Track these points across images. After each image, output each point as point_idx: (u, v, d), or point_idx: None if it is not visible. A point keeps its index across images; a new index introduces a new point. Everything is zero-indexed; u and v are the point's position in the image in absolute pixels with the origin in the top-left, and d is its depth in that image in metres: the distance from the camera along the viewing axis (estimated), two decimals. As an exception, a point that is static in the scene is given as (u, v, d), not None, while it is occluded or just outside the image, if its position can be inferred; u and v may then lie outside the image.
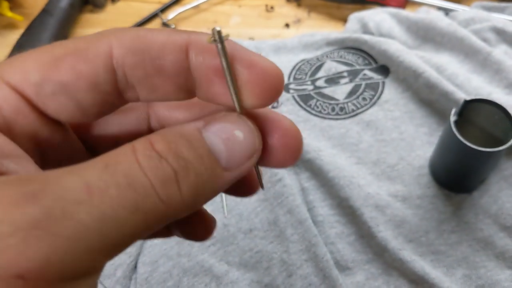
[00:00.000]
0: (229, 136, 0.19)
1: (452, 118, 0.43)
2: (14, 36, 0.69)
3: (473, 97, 0.45)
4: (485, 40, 0.59)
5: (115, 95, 0.20)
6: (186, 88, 0.20)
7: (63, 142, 0.21)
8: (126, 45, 0.19)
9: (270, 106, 0.54)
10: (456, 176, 0.48)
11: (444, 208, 0.48)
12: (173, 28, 0.72)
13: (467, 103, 0.45)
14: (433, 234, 0.47)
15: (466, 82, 0.54)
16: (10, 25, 0.74)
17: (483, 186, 0.49)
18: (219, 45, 0.18)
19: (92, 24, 0.75)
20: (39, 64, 0.18)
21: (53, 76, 0.18)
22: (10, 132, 0.18)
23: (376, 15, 0.65)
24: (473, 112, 0.46)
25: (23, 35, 0.67)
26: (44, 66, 0.18)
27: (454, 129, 0.43)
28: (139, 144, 0.17)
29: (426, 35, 0.61)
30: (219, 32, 0.18)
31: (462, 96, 0.51)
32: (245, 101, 0.19)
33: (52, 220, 0.14)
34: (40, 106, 0.19)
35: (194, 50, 0.19)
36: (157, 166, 0.17)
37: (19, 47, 0.66)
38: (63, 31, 0.71)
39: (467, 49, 0.57)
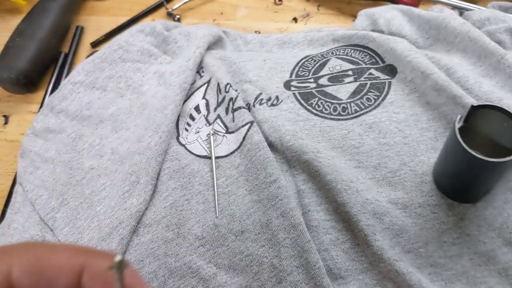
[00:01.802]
0: None
1: (457, 124, 0.41)
2: (16, 21, 0.68)
3: (481, 103, 0.42)
4: (499, 42, 0.56)
5: None
6: None
7: None
8: (25, 266, 0.20)
9: (270, 103, 0.52)
10: (460, 186, 0.45)
11: (446, 218, 0.46)
12: (178, 18, 0.70)
13: (474, 108, 0.42)
14: (433, 246, 0.44)
15: (477, 86, 0.51)
16: (13, 10, 0.73)
17: (488, 197, 0.46)
18: (117, 275, 0.19)
19: (96, 11, 0.74)
20: None
21: None
22: None
23: (387, 12, 0.62)
24: (481, 118, 0.43)
25: (23, 20, 0.66)
26: None
27: (458, 137, 0.40)
28: None
29: (437, 35, 0.58)
30: (120, 262, 0.19)
31: (471, 100, 0.48)
32: None
33: None
34: None
35: (88, 275, 0.21)
36: None
37: (19, 33, 0.64)
38: (66, 18, 0.70)
39: (480, 51, 0.54)
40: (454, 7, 0.64)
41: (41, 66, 0.65)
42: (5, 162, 0.59)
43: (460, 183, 0.45)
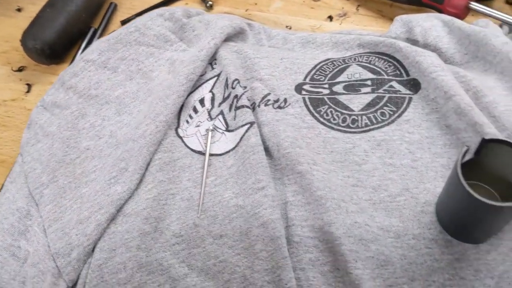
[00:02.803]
0: None
1: (461, 158, 0.36)
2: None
3: (494, 137, 0.37)
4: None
5: None
6: None
7: None
8: None
9: (276, 105, 0.50)
10: (461, 225, 0.41)
11: (441, 256, 0.41)
12: (210, 5, 0.68)
13: (486, 142, 0.38)
14: (419, 284, 0.40)
15: (505, 115, 0.45)
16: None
17: (494, 240, 0.41)
18: None
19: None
20: None
21: None
22: None
23: (426, 21, 0.57)
24: (492, 153, 0.38)
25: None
26: None
27: (460, 174, 0.36)
28: None
29: (477, 51, 0.53)
30: None
31: (493, 131, 0.43)
32: None
33: None
34: None
35: None
36: None
37: (51, 4, 0.65)
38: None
39: (519, 75, 0.48)
40: (503, 22, 0.58)
41: (68, 39, 0.65)
42: (20, 130, 0.60)
43: (461, 222, 0.40)
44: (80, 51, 0.66)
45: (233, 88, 0.52)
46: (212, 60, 0.56)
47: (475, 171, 0.41)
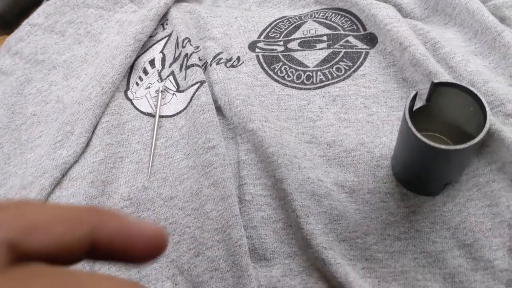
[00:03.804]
0: None
1: (408, 104, 0.35)
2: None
3: (444, 80, 0.36)
4: (504, 18, 0.48)
5: None
6: None
7: None
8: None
9: (229, 64, 0.48)
10: (415, 175, 0.39)
11: (396, 210, 0.40)
12: None
13: (436, 86, 0.36)
14: (373, 238, 0.39)
15: (462, 65, 0.44)
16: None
17: (451, 191, 0.40)
18: None
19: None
20: None
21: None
22: None
23: (386, -24, 0.55)
24: (443, 98, 0.37)
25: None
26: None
27: (407, 119, 0.34)
28: None
29: (436, 5, 0.51)
30: None
31: (448, 78, 0.42)
32: None
33: None
34: None
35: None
36: None
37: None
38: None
39: (477, 26, 0.47)
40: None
41: (19, 8, 0.63)
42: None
43: (414, 172, 0.39)
44: (32, 19, 0.63)
45: (183, 47, 0.50)
46: (164, 21, 0.54)
47: (429, 121, 0.39)
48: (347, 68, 0.47)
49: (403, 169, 0.40)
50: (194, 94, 0.46)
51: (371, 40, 0.49)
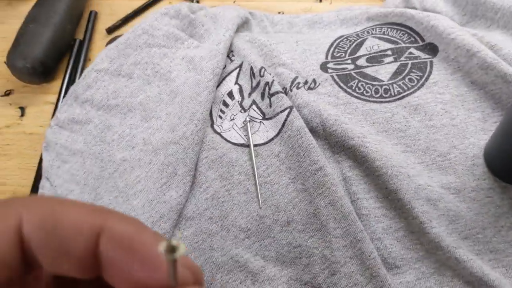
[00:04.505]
0: None
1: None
2: (24, 8, 0.65)
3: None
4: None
5: (21, 269, 0.19)
6: (92, 268, 0.19)
7: None
8: (36, 220, 0.18)
9: (307, 87, 0.50)
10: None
11: (501, 202, 0.43)
12: (197, 1, 0.67)
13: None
14: (490, 231, 0.42)
15: (525, 63, 0.48)
16: (21, -4, 0.69)
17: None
18: (168, 260, 0.16)
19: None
20: None
21: None
22: None
23: (419, -12, 0.59)
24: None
25: (35, 6, 0.63)
26: None
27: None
28: None
29: (476, 11, 0.56)
30: (172, 247, 0.16)
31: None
32: None
33: None
34: None
35: (107, 238, 0.18)
36: None
37: (32, 19, 0.61)
38: (79, 1, 0.66)
39: (524, 27, 0.52)
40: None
41: (57, 54, 0.61)
42: (25, 156, 0.56)
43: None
44: (70, 65, 0.62)
45: (261, 76, 0.51)
46: (229, 53, 0.55)
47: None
48: (418, 78, 0.51)
49: (505, 163, 0.43)
50: (285, 120, 0.47)
51: (431, 49, 0.53)
